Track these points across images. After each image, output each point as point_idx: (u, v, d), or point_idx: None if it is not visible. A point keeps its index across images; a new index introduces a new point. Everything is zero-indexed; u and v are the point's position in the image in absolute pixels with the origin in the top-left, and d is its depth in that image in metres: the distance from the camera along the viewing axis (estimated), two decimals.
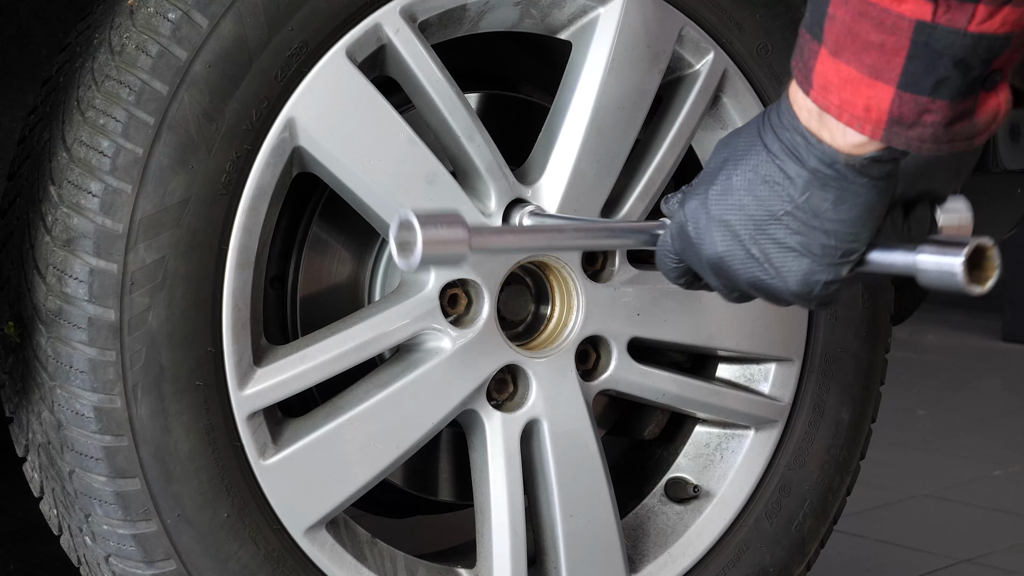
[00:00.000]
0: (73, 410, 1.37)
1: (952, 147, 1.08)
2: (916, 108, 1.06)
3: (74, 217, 1.35)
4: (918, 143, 1.07)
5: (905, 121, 1.06)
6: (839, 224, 1.15)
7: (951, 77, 1.04)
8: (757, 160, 1.17)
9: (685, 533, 1.70)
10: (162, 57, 1.36)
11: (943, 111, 1.06)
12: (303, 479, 1.45)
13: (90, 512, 1.41)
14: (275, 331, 1.56)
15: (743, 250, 1.20)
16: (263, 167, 1.41)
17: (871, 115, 1.07)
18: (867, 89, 1.07)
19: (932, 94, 1.05)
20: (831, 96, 1.09)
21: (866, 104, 1.07)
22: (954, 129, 1.07)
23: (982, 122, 1.08)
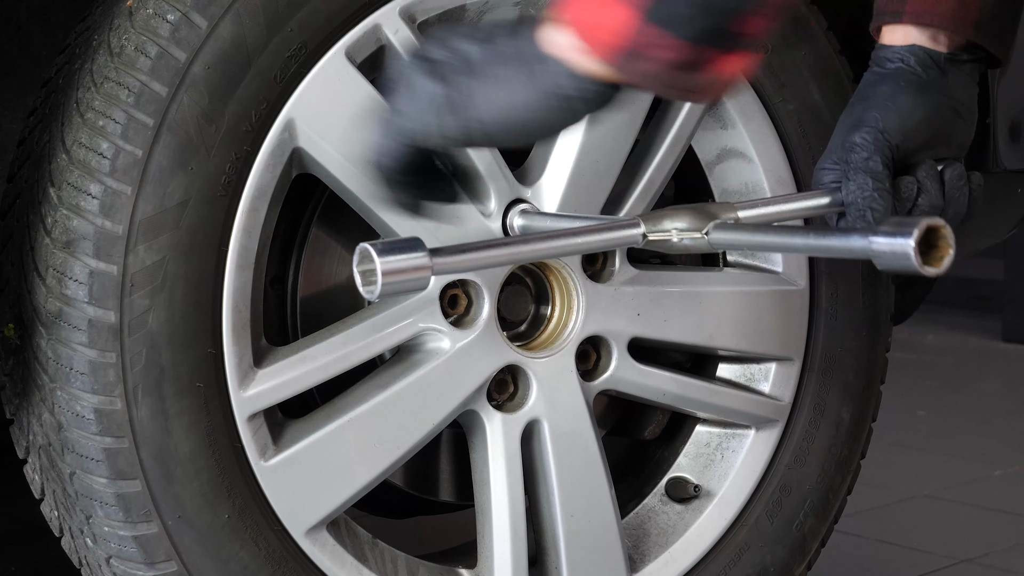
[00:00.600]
0: (73, 412, 1.37)
1: (668, 92, 1.08)
2: (652, 40, 1.05)
3: (74, 219, 1.35)
4: (641, 77, 1.06)
5: (639, 51, 1.05)
6: None
7: (694, 16, 1.04)
8: None
9: (686, 533, 1.70)
10: (161, 59, 1.36)
11: (675, 50, 1.04)
12: (304, 480, 1.45)
13: (91, 514, 1.41)
14: (275, 332, 1.56)
15: None
16: (263, 168, 1.41)
17: (607, 37, 1.06)
18: (612, 9, 1.06)
19: (672, 29, 1.04)
20: (568, 13, 1.08)
21: (604, 25, 1.06)
22: (679, 74, 1.06)
23: (707, 80, 1.07)
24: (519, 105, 1.14)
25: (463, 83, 1.15)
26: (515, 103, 1.14)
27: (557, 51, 1.11)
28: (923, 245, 1.12)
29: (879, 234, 1.13)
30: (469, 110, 1.15)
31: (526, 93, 1.13)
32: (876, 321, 1.78)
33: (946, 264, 1.13)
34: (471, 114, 1.15)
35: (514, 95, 1.14)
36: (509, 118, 1.15)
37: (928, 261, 1.12)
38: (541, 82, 1.12)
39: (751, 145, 1.68)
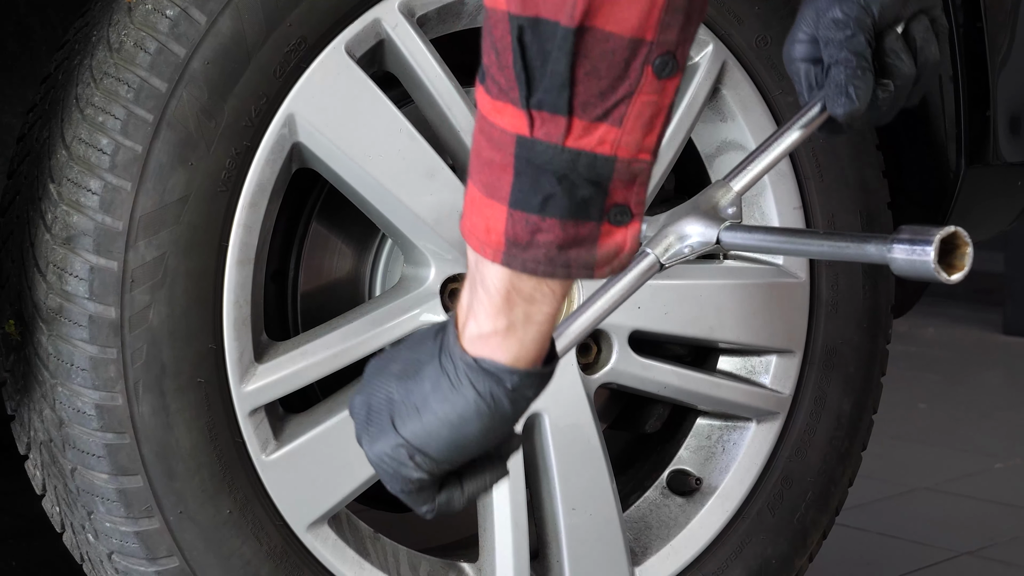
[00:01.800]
0: (74, 408, 1.37)
1: (569, 272, 1.04)
2: (528, 227, 1.02)
3: (74, 215, 1.35)
4: (534, 264, 1.03)
5: (520, 242, 1.03)
6: (433, 426, 1.11)
7: (556, 194, 1.01)
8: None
9: (687, 525, 1.70)
10: (160, 54, 1.36)
11: (554, 231, 1.02)
12: (305, 475, 1.45)
13: (92, 510, 1.41)
14: (276, 327, 1.56)
15: None
16: (263, 163, 1.41)
17: (491, 237, 1.04)
18: (487, 209, 1.04)
19: (541, 212, 1.02)
20: (465, 221, 1.06)
21: (486, 225, 1.04)
22: (569, 253, 1.03)
23: (602, 254, 1.04)
24: (452, 421, 1.11)
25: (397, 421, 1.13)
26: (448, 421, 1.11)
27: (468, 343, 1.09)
28: (941, 252, 1.11)
29: (897, 242, 1.13)
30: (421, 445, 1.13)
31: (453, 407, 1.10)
32: (877, 313, 1.78)
33: (965, 271, 1.12)
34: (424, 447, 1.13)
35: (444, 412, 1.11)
36: (447, 438, 1.12)
37: (946, 268, 1.12)
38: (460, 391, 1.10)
39: (751, 137, 1.68)
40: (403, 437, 1.12)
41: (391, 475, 1.14)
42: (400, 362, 1.14)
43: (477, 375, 1.08)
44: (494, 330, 1.07)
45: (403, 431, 1.12)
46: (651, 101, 1.00)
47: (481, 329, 1.07)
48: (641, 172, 1.02)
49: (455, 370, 1.09)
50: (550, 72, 0.98)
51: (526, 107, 0.99)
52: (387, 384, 1.13)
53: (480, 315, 1.07)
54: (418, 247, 1.50)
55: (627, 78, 0.98)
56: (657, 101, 1.00)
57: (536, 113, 0.99)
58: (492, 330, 1.07)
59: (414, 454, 1.12)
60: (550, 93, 0.98)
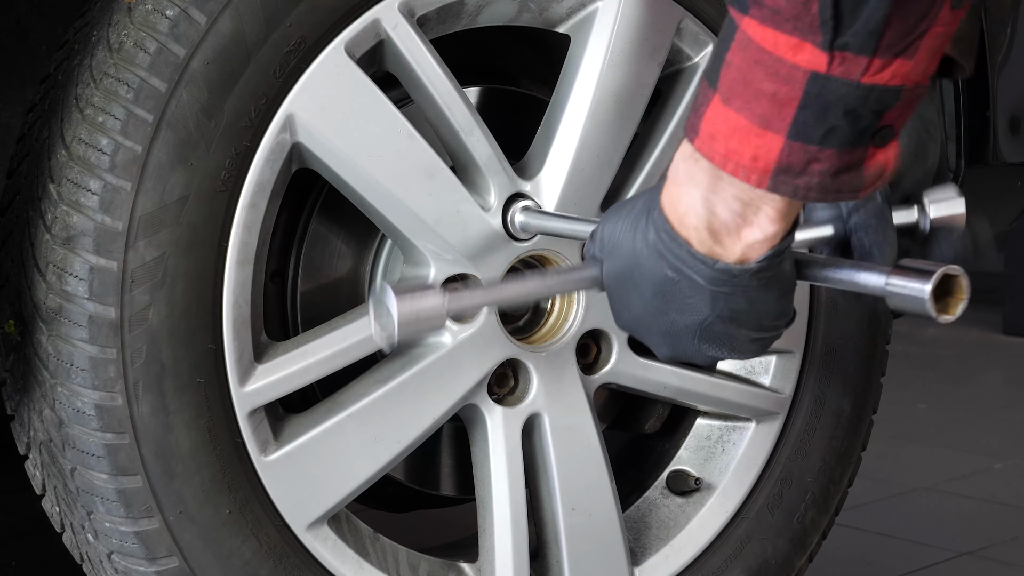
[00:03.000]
0: (74, 408, 1.37)
1: (838, 196, 1.08)
2: (805, 157, 1.05)
3: (73, 215, 1.35)
4: (804, 191, 1.07)
5: (793, 169, 1.06)
6: (762, 315, 1.18)
7: (840, 127, 1.04)
8: (662, 279, 1.18)
9: (687, 525, 1.70)
10: (160, 54, 1.36)
11: (831, 160, 1.06)
12: (305, 475, 1.45)
13: (92, 510, 1.41)
14: (275, 327, 1.56)
15: (693, 349, 1.23)
16: (262, 163, 1.40)
17: (758, 164, 1.07)
18: (756, 139, 1.06)
19: (821, 143, 1.05)
20: (717, 145, 1.08)
21: (754, 154, 1.06)
22: (841, 179, 1.07)
23: (869, 175, 1.08)
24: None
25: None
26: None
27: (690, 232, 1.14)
28: (938, 291, 1.13)
29: (895, 275, 1.14)
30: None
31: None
32: (876, 313, 1.78)
33: (960, 312, 1.14)
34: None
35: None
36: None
37: (942, 308, 1.13)
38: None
39: None
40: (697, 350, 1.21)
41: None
42: (636, 289, 1.21)
43: (719, 279, 1.15)
44: (731, 236, 1.13)
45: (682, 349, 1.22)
46: (942, 32, 1.03)
47: (701, 233, 1.13)
48: (919, 96, 1.06)
49: (698, 283, 1.16)
50: (864, 18, 1.00)
51: (828, 49, 1.01)
52: (651, 324, 1.22)
53: (719, 228, 1.12)
54: (418, 247, 1.50)
55: (929, 15, 1.02)
56: (946, 32, 1.03)
57: (838, 53, 1.02)
58: (730, 236, 1.13)
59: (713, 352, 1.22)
60: (858, 37, 1.01)
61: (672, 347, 1.24)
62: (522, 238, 1.53)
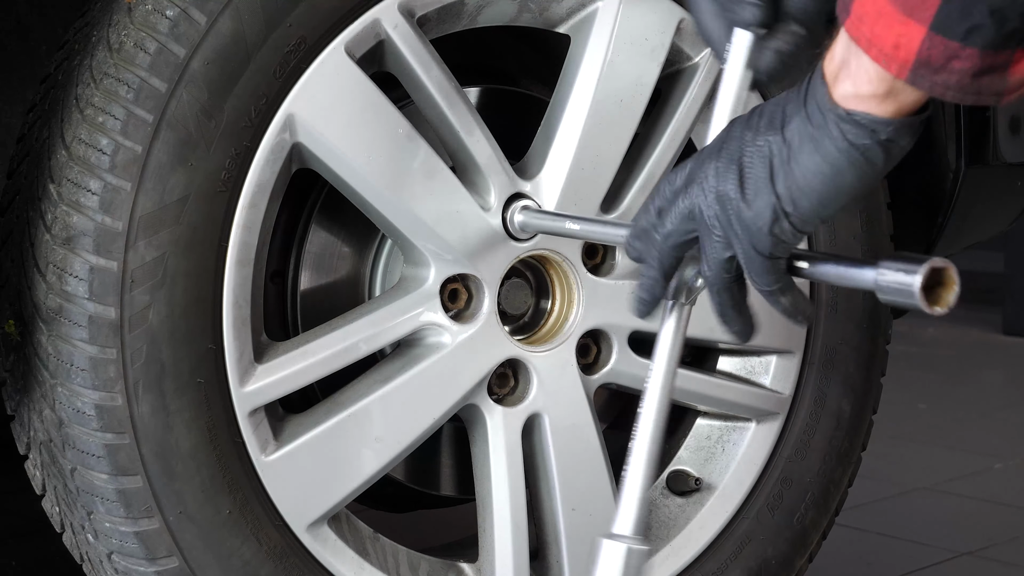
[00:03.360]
0: (74, 408, 1.37)
1: (977, 99, 1.05)
2: (945, 52, 1.03)
3: (74, 215, 1.35)
4: (942, 89, 1.05)
5: (933, 64, 1.04)
6: (805, 179, 1.12)
7: (985, 25, 1.01)
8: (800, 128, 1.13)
9: (687, 526, 1.70)
10: (160, 54, 1.36)
11: (972, 59, 1.03)
12: (305, 475, 1.45)
13: (92, 510, 1.41)
14: (275, 327, 1.56)
15: (732, 164, 1.15)
16: (262, 164, 1.40)
17: (899, 53, 1.04)
18: (899, 26, 1.04)
19: (964, 40, 1.02)
20: (863, 27, 1.06)
21: (896, 41, 1.04)
22: (981, 81, 1.04)
23: (1014, 80, 1.05)
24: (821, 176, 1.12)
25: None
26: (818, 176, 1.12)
27: (841, 99, 1.10)
28: (928, 284, 1.13)
29: (885, 269, 1.14)
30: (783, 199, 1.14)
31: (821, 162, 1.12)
32: (876, 314, 1.78)
33: (950, 304, 1.13)
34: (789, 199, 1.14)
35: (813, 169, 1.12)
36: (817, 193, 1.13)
37: (933, 300, 1.13)
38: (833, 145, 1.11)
39: None
40: (776, 193, 1.13)
41: (762, 235, 1.14)
42: (765, 115, 1.15)
43: (851, 127, 1.09)
44: (873, 93, 1.08)
45: (777, 186, 1.13)
46: None
47: (859, 90, 1.09)
48: None
49: (825, 122, 1.10)
50: None
51: None
52: (757, 138, 1.14)
53: (860, 78, 1.08)
54: (418, 247, 1.50)
55: None
56: None
57: None
58: (871, 93, 1.08)
59: (786, 210, 1.13)
60: None
61: (726, 159, 1.15)
62: (522, 238, 1.53)
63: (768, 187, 1.14)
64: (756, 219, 1.14)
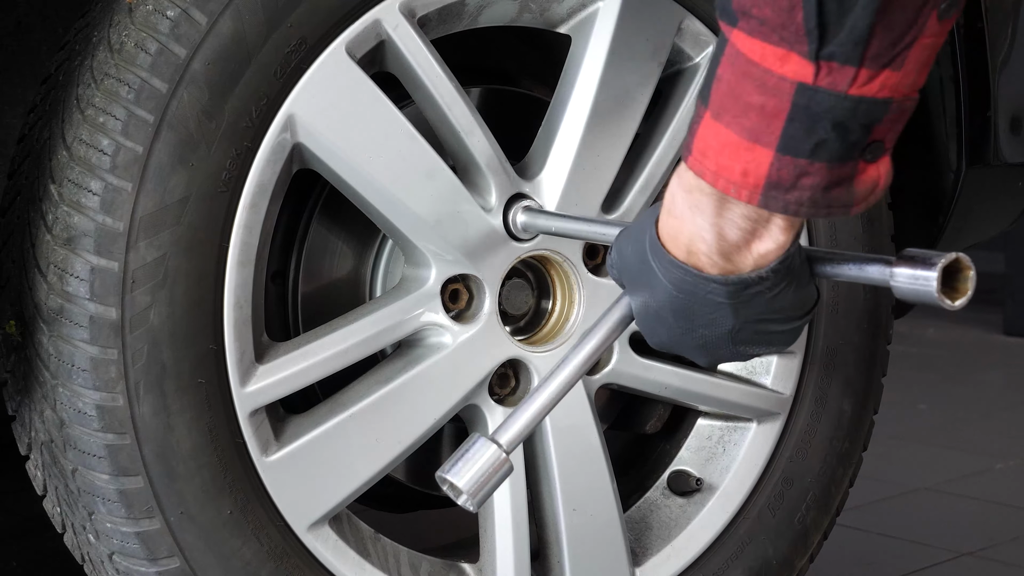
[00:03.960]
0: (75, 408, 1.37)
1: (829, 212, 1.07)
2: (795, 171, 1.05)
3: (74, 215, 1.35)
4: (795, 206, 1.06)
5: (784, 184, 1.05)
6: (786, 309, 1.18)
7: (830, 140, 1.03)
8: (681, 304, 1.18)
9: (688, 526, 1.70)
10: (161, 55, 1.35)
11: (821, 174, 1.05)
12: (306, 475, 1.45)
13: (93, 510, 1.41)
14: (276, 327, 1.56)
15: (730, 353, 1.23)
16: (263, 164, 1.40)
17: (748, 180, 1.06)
18: (745, 153, 1.05)
19: (811, 156, 1.04)
20: (707, 162, 1.07)
21: (744, 168, 1.06)
22: (832, 194, 1.06)
23: (860, 191, 1.08)
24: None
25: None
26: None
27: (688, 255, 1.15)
28: (944, 275, 1.12)
29: (900, 266, 1.14)
30: None
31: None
32: (877, 314, 1.78)
33: (966, 298, 1.14)
34: None
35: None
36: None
37: (949, 294, 1.13)
38: None
39: None
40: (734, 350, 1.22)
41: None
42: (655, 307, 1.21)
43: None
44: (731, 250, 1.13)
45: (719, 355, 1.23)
46: (930, 43, 1.02)
47: (712, 258, 1.13)
48: (908, 110, 1.05)
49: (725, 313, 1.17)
50: (848, 27, 0.99)
51: (815, 59, 1.01)
52: (683, 342, 1.23)
53: (711, 244, 1.12)
54: (419, 248, 1.50)
55: (915, 25, 1.01)
56: (934, 43, 1.03)
57: (824, 63, 1.01)
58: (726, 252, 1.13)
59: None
60: (844, 47, 1.00)
61: (710, 357, 1.24)
62: (523, 238, 1.53)
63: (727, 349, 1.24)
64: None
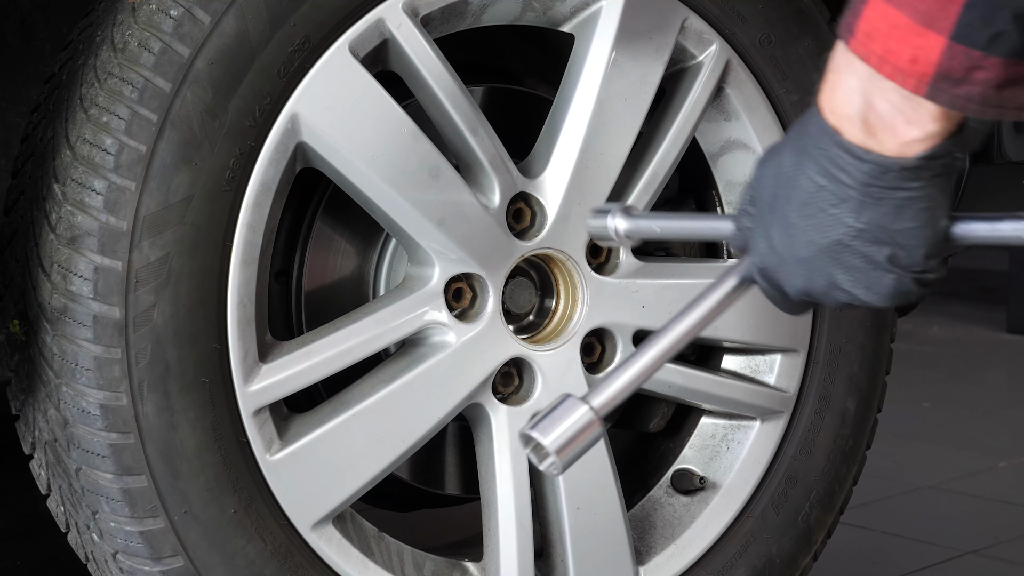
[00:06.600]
0: (79, 407, 1.37)
1: (1000, 113, 1.00)
2: (967, 62, 0.98)
3: (78, 215, 1.35)
4: (964, 102, 1.00)
5: (953, 76, 0.99)
6: (909, 234, 1.06)
7: (1008, 32, 0.97)
8: (807, 189, 1.07)
9: (692, 524, 1.70)
10: (165, 54, 1.35)
11: (995, 69, 0.98)
12: (310, 474, 1.45)
13: (97, 509, 1.41)
14: (280, 327, 1.56)
15: (825, 280, 1.11)
16: (267, 163, 1.40)
17: (916, 67, 0.99)
18: (916, 38, 0.99)
19: (986, 49, 0.97)
20: (874, 44, 1.01)
21: (913, 55, 0.99)
22: (1005, 93, 1.00)
23: None
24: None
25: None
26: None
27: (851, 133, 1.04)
28: None
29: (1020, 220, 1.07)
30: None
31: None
32: (881, 312, 1.78)
33: None
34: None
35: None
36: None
37: None
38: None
39: (755, 136, 1.68)
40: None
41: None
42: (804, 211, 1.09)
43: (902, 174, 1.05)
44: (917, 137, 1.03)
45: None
46: None
47: (855, 125, 1.04)
48: None
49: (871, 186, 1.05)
50: None
51: None
52: (788, 247, 1.11)
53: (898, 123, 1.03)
54: (422, 246, 1.50)
55: None
56: None
57: None
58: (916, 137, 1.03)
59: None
60: None
61: (806, 276, 1.11)
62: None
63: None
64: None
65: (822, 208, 1.07)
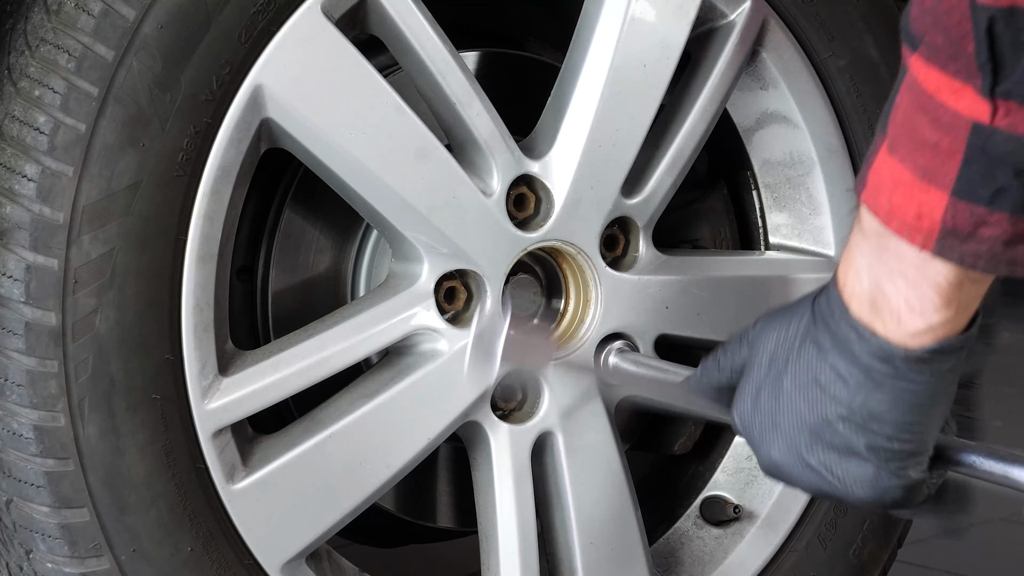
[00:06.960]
0: (10, 430, 1.37)
1: (1012, 270, 1.08)
2: (972, 219, 1.06)
3: (6, 206, 1.35)
4: (972, 259, 1.07)
5: (960, 232, 1.06)
6: (899, 427, 1.16)
7: (1012, 188, 1.04)
8: (808, 359, 1.17)
9: (725, 560, 1.71)
10: (106, 17, 1.36)
11: (1002, 225, 1.05)
12: (279, 506, 1.45)
13: (31, 548, 1.41)
14: (243, 334, 1.56)
15: (799, 460, 1.20)
16: (226, 143, 1.41)
17: (923, 223, 1.07)
18: (920, 194, 1.07)
19: (990, 204, 1.05)
20: (881, 198, 1.09)
21: (918, 211, 1.07)
22: (1018, 249, 1.07)
23: None
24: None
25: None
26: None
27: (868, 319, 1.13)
28: None
29: None
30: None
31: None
32: None
33: None
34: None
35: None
36: None
37: None
38: None
39: (796, 108, 1.68)
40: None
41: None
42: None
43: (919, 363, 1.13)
44: (935, 323, 1.11)
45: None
46: None
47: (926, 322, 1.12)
48: None
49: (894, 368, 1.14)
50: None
51: (990, 96, 1.02)
52: (769, 413, 1.21)
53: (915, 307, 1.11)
54: (408, 239, 1.50)
55: None
56: None
57: (1001, 103, 1.02)
58: (934, 322, 1.11)
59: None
60: (1022, 85, 1.01)
61: (780, 447, 1.21)
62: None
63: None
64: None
65: (817, 380, 1.16)
